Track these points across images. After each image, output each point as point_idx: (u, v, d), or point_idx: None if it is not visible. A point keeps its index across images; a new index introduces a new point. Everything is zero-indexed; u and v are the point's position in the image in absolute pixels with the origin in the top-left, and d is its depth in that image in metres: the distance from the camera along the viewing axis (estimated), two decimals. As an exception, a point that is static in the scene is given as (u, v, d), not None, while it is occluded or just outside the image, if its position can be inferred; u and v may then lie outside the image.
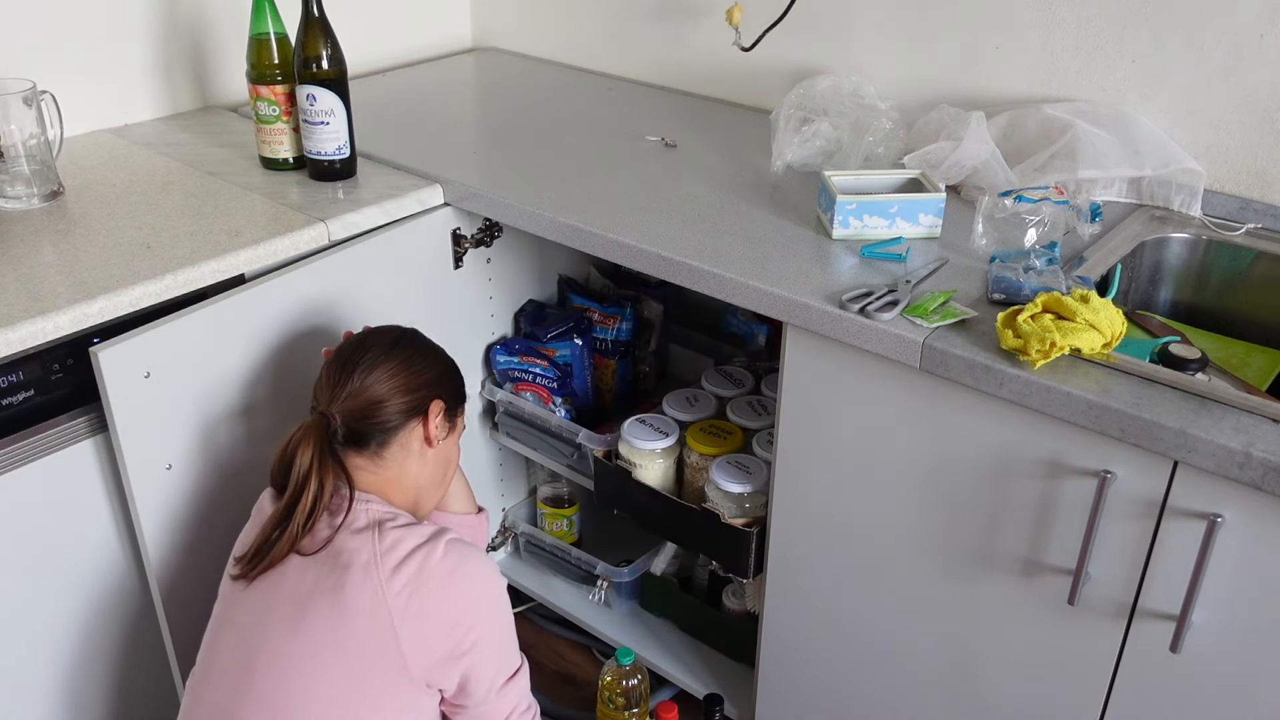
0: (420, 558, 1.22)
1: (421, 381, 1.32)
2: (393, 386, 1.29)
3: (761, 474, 1.58)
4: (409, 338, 1.35)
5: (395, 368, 1.30)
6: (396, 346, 1.32)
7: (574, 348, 1.86)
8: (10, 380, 1.31)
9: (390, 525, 1.25)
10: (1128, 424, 1.10)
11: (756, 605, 1.70)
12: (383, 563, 1.21)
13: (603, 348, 1.92)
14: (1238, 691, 1.16)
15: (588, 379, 1.91)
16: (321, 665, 1.20)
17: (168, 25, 1.90)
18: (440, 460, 1.37)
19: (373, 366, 1.29)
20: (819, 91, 1.71)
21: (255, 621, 1.24)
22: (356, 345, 1.32)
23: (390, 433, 1.30)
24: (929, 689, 1.44)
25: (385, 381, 1.29)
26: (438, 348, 1.38)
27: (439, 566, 1.22)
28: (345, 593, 1.20)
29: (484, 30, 2.43)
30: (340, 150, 1.65)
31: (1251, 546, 1.09)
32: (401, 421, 1.31)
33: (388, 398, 1.29)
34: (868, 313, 1.26)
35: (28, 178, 1.56)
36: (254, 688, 1.22)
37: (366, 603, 1.20)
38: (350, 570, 1.21)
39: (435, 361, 1.36)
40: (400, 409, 1.30)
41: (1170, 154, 1.54)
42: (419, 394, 1.31)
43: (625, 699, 1.74)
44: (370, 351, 1.30)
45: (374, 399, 1.28)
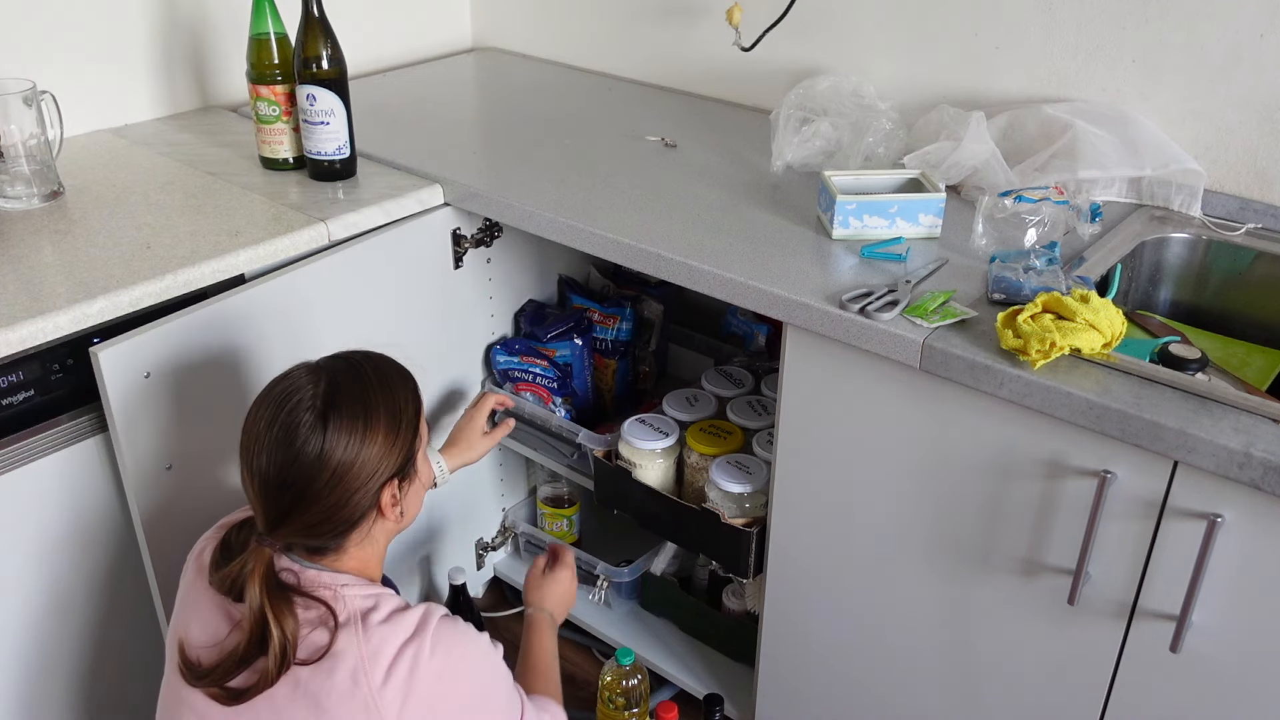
0: (410, 657, 1.10)
1: (366, 473, 1.12)
2: (335, 500, 1.11)
3: (761, 474, 1.58)
4: (336, 406, 1.11)
5: (334, 473, 1.10)
6: (328, 431, 1.10)
7: (574, 348, 1.86)
8: (10, 380, 1.31)
9: (374, 619, 1.11)
10: (1128, 424, 1.10)
11: (756, 605, 1.71)
12: (371, 669, 1.09)
13: (603, 348, 1.92)
14: (1238, 691, 1.16)
15: (588, 379, 1.91)
16: None
17: (168, 25, 1.90)
18: (408, 509, 1.23)
19: (308, 484, 1.10)
20: (819, 91, 1.71)
21: None
22: (280, 446, 1.10)
23: (343, 537, 1.15)
24: (929, 689, 1.44)
25: (326, 496, 1.10)
26: (372, 389, 1.15)
27: (429, 665, 1.11)
28: (331, 701, 1.08)
29: (484, 30, 2.43)
30: (340, 150, 1.66)
31: (1251, 546, 1.09)
32: (352, 526, 1.15)
33: (332, 513, 1.11)
34: (868, 313, 1.26)
35: (28, 178, 1.56)
36: None
37: (356, 715, 1.08)
38: (335, 677, 1.08)
39: (371, 428, 1.12)
40: (349, 519, 1.13)
41: (1170, 154, 1.54)
42: (367, 489, 1.13)
43: (625, 699, 1.74)
44: (299, 459, 1.10)
45: (316, 522, 1.12)
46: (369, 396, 1.13)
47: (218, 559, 1.18)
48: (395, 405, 1.15)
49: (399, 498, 1.17)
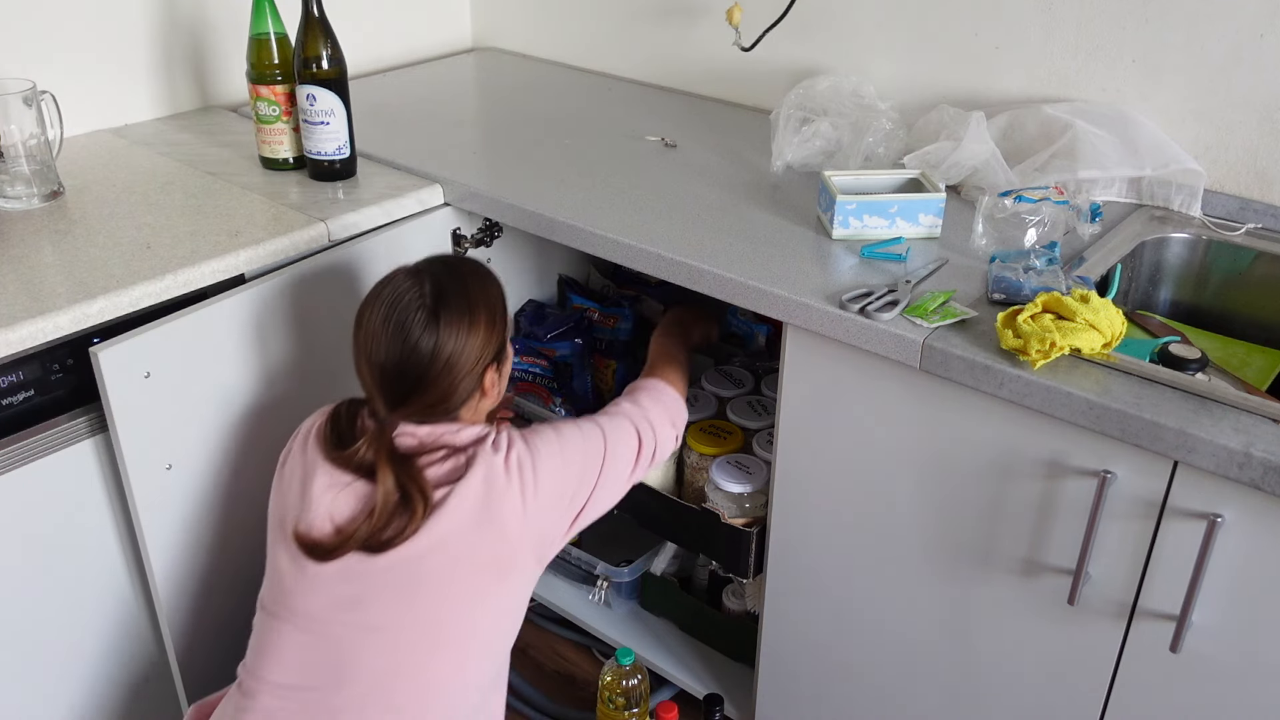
0: (515, 460, 1.27)
1: (471, 360, 1.26)
2: (447, 385, 1.25)
3: (761, 474, 1.58)
4: (444, 303, 1.25)
5: (445, 363, 1.24)
6: (440, 326, 1.24)
7: (574, 348, 1.86)
8: (10, 380, 1.31)
9: (488, 442, 1.27)
10: (1128, 424, 1.10)
11: (756, 605, 1.71)
12: (493, 476, 1.25)
13: (602, 348, 1.92)
14: (1238, 691, 1.16)
15: (588, 379, 1.91)
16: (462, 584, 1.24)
17: (168, 25, 1.90)
18: (506, 372, 1.38)
19: (424, 373, 1.24)
20: (819, 91, 1.71)
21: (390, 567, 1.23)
22: (397, 341, 1.24)
23: (453, 414, 1.29)
24: (929, 689, 1.44)
25: (439, 383, 1.25)
26: (472, 288, 1.29)
27: (532, 458, 1.28)
28: (490, 497, 1.24)
29: (484, 30, 2.43)
30: (340, 150, 1.66)
31: (1251, 546, 1.09)
32: (460, 405, 1.29)
33: (444, 396, 1.26)
34: (868, 313, 1.26)
35: (28, 178, 1.56)
36: (416, 613, 1.23)
37: (507, 508, 1.24)
38: (470, 485, 1.24)
39: (474, 321, 1.27)
40: (458, 400, 1.28)
41: (1170, 154, 1.54)
42: (473, 374, 1.27)
43: (625, 699, 1.74)
44: (415, 352, 1.23)
45: (431, 404, 1.26)
46: (470, 293, 1.27)
47: (329, 436, 1.28)
48: (490, 299, 1.30)
49: (498, 378, 1.33)
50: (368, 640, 1.23)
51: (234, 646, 1.58)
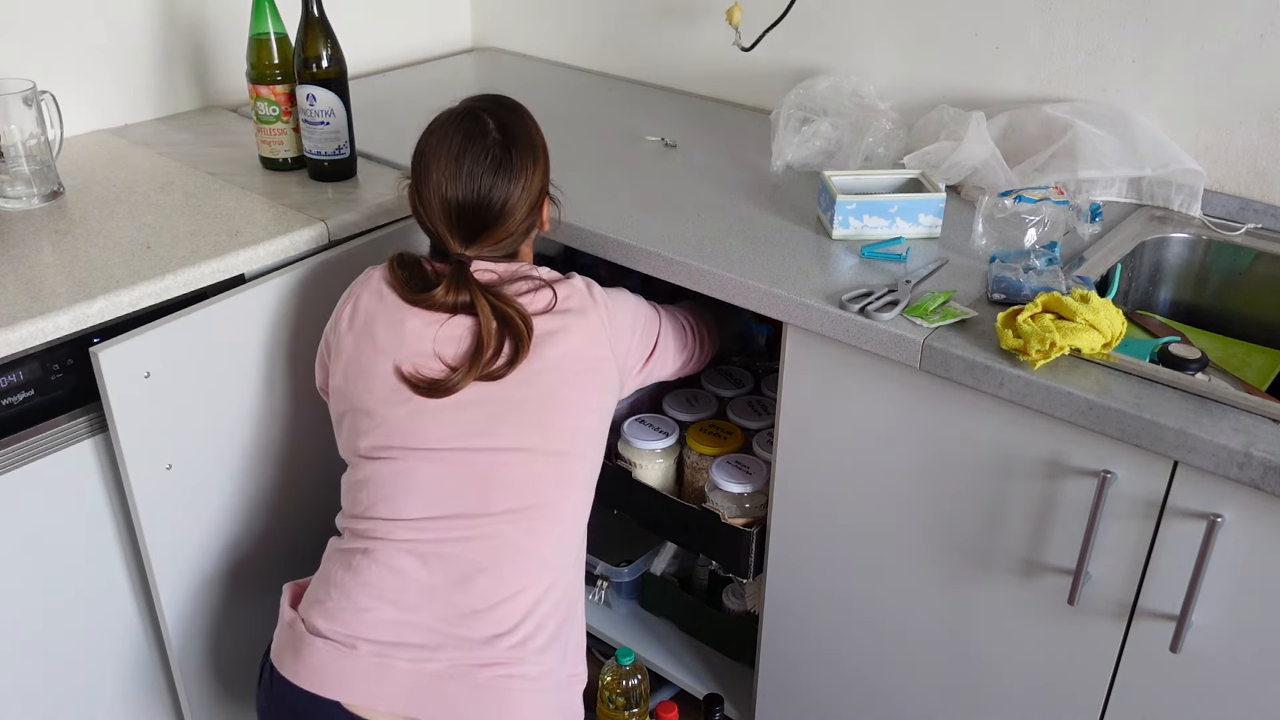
0: (596, 287, 1.37)
1: (535, 194, 1.33)
2: (517, 218, 1.31)
3: (761, 474, 1.58)
4: (515, 141, 1.31)
5: (518, 198, 1.30)
6: (514, 163, 1.30)
7: None
8: (10, 380, 1.31)
9: (564, 277, 1.36)
10: (1128, 424, 1.10)
11: (756, 605, 1.71)
12: (584, 296, 1.34)
13: None
14: (1238, 691, 1.16)
15: None
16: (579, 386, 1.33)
17: (168, 25, 1.90)
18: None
19: (500, 207, 1.29)
20: (819, 91, 1.71)
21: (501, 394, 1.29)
22: (473, 177, 1.29)
23: (518, 244, 1.36)
24: (929, 689, 1.44)
25: (511, 216, 1.30)
26: (531, 126, 1.36)
27: (609, 294, 1.39)
28: (588, 322, 1.33)
29: (484, 30, 2.43)
30: (340, 150, 1.65)
31: (1251, 546, 1.09)
32: (524, 236, 1.35)
33: (514, 229, 1.32)
34: (868, 313, 1.26)
35: (28, 178, 1.56)
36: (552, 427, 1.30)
37: (600, 330, 1.34)
38: (570, 306, 1.32)
39: (539, 146, 1.35)
40: (523, 231, 1.34)
41: (1170, 154, 1.54)
42: (535, 206, 1.34)
43: (625, 699, 1.74)
44: (494, 188, 1.29)
45: (503, 237, 1.31)
46: (531, 131, 1.34)
47: (405, 282, 1.31)
48: (541, 141, 1.36)
49: (547, 211, 1.39)
50: (505, 459, 1.28)
51: (234, 646, 1.58)
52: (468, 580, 1.24)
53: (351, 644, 1.22)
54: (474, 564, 1.25)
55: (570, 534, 1.33)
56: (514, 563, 1.26)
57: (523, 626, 1.25)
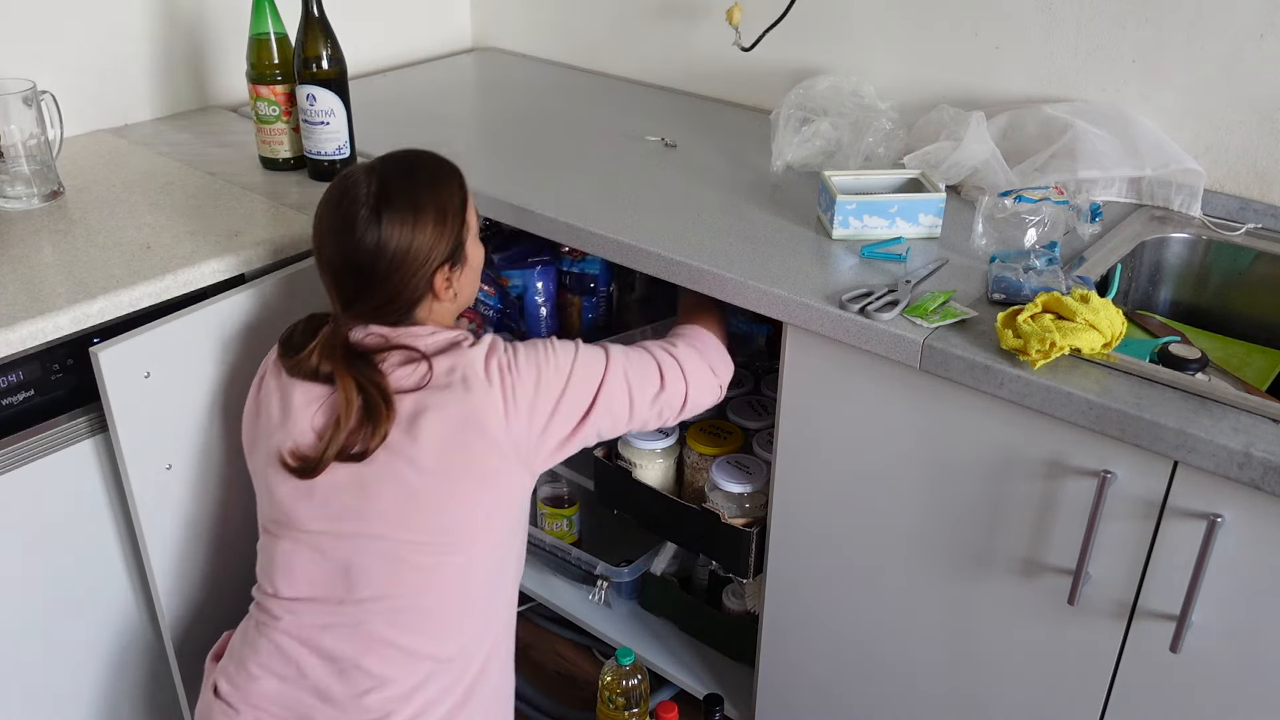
0: (496, 362, 1.26)
1: (419, 260, 1.24)
2: (396, 284, 1.24)
3: (761, 474, 1.58)
4: (388, 201, 1.23)
5: (390, 260, 1.23)
6: (382, 223, 1.22)
7: (533, 278, 1.72)
8: (10, 380, 1.31)
9: (465, 344, 1.27)
10: (1128, 424, 1.10)
11: (756, 605, 1.71)
12: (471, 374, 1.24)
13: (569, 283, 1.77)
14: (1238, 691, 1.16)
15: (543, 314, 1.77)
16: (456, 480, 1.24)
17: (168, 25, 1.90)
18: (462, 291, 1.33)
19: (370, 269, 1.23)
20: (819, 91, 1.71)
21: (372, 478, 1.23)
22: (343, 237, 1.24)
23: (409, 314, 1.28)
24: (929, 689, 1.44)
25: (387, 280, 1.24)
26: (420, 184, 1.27)
27: (516, 360, 1.27)
28: (455, 403, 1.23)
29: (484, 30, 2.43)
30: (340, 150, 1.66)
31: (1251, 546, 1.09)
32: (414, 305, 1.28)
33: (395, 295, 1.25)
34: (868, 313, 1.26)
35: (28, 178, 1.56)
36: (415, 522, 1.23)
37: (488, 413, 1.23)
38: (452, 388, 1.23)
39: (420, 220, 1.24)
40: (410, 299, 1.27)
41: (1170, 154, 1.54)
42: (422, 273, 1.25)
43: (625, 699, 1.74)
44: (359, 248, 1.23)
45: (382, 303, 1.26)
46: (417, 190, 1.26)
47: (282, 344, 1.30)
48: (441, 197, 1.27)
49: (452, 281, 1.29)
50: (371, 548, 1.24)
51: (234, 646, 1.58)
52: (339, 667, 1.25)
53: (237, 709, 1.26)
54: (343, 652, 1.25)
55: (448, 626, 1.28)
56: (379, 654, 1.25)
57: (397, 715, 1.25)
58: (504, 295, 1.74)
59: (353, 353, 1.25)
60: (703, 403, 1.43)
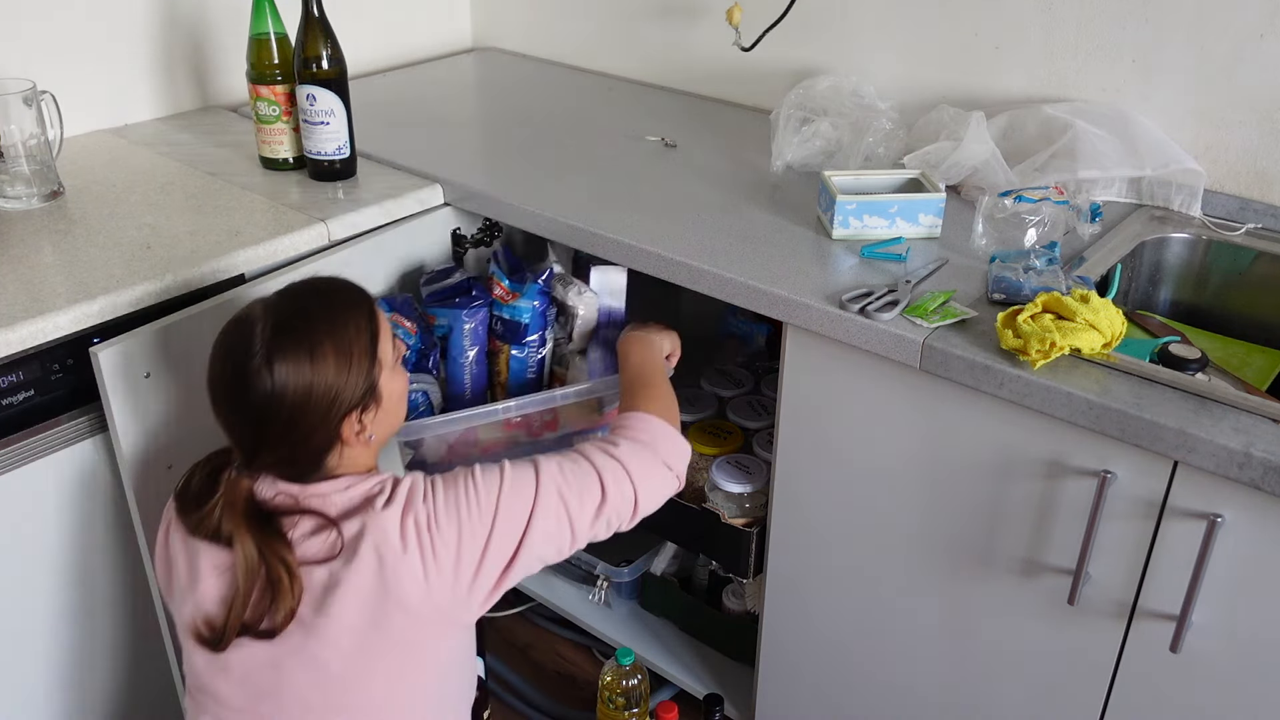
0: (412, 525, 1.13)
1: (322, 407, 1.11)
2: (298, 434, 1.12)
3: (761, 474, 1.58)
4: (280, 347, 1.10)
5: (289, 410, 1.10)
6: (274, 372, 1.09)
7: (456, 318, 1.58)
8: (10, 380, 1.31)
9: (379, 503, 1.13)
10: (1128, 424, 1.10)
11: (756, 605, 1.71)
12: (385, 546, 1.12)
13: (499, 328, 1.61)
14: (1238, 691, 1.16)
15: (467, 358, 1.60)
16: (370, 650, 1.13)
17: (168, 25, 1.90)
18: (379, 432, 1.20)
19: (269, 421, 1.11)
20: (819, 91, 1.71)
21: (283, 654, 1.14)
22: (236, 388, 1.11)
23: (319, 463, 1.15)
24: (929, 689, 1.44)
25: (289, 431, 1.11)
26: (316, 322, 1.13)
27: (434, 518, 1.14)
28: (369, 582, 1.12)
29: (484, 30, 2.43)
30: (340, 150, 1.66)
31: (1251, 546, 1.09)
32: (323, 454, 1.15)
33: (299, 446, 1.13)
34: (868, 313, 1.26)
35: (28, 178, 1.56)
36: None
37: (405, 580, 1.12)
38: (360, 560, 1.11)
39: (317, 364, 1.11)
40: (317, 448, 1.14)
41: (1170, 154, 1.54)
42: (327, 422, 1.13)
43: (625, 699, 1.74)
44: (253, 399, 1.10)
45: (286, 455, 1.14)
46: (313, 329, 1.12)
47: (180, 496, 1.20)
48: (344, 336, 1.14)
49: (364, 425, 1.16)
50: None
51: (234, 646, 1.57)
52: None
53: None
54: None
55: None
56: None
57: None
58: (426, 334, 1.58)
59: (258, 514, 1.14)
60: (658, 501, 1.29)
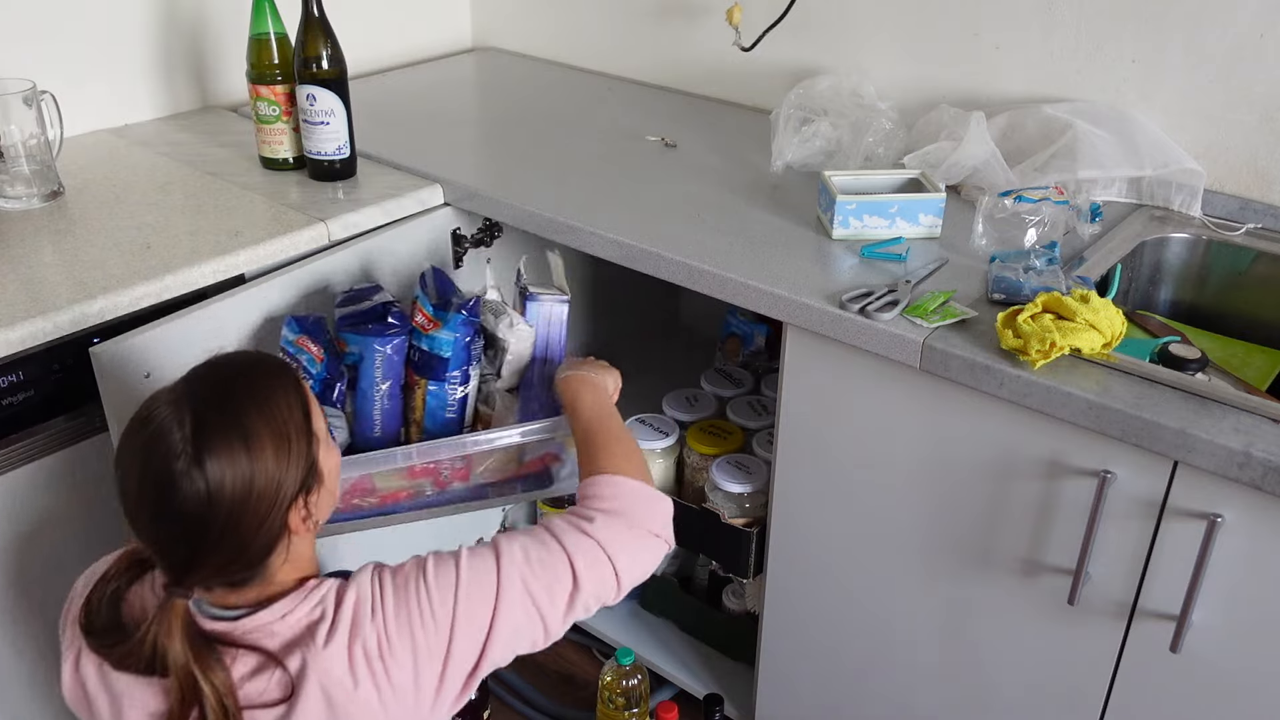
0: (361, 656, 1.00)
1: (266, 502, 0.97)
2: (240, 539, 0.97)
3: (761, 474, 1.58)
4: (208, 444, 0.95)
5: (229, 514, 0.95)
6: (207, 475, 0.94)
7: (368, 346, 1.37)
8: (10, 380, 1.31)
9: (320, 634, 1.00)
10: (1128, 424, 1.10)
11: (756, 605, 1.71)
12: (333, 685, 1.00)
13: (417, 359, 1.39)
14: (1238, 691, 1.16)
15: (378, 391, 1.39)
16: None
17: (168, 25, 1.90)
18: (321, 515, 1.06)
19: (204, 533, 0.95)
20: (819, 91, 1.71)
21: None
22: (162, 502, 0.95)
23: (261, 566, 1.01)
24: (929, 689, 1.44)
25: (229, 538, 0.96)
26: (245, 408, 0.98)
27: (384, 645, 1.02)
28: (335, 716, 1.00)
29: (484, 30, 2.43)
30: (340, 150, 1.65)
31: (1251, 546, 1.09)
32: (266, 554, 1.00)
33: (240, 552, 0.98)
34: (868, 313, 1.26)
35: (28, 178, 1.56)
36: None
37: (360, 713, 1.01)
38: (308, 703, 0.99)
39: (256, 455, 0.96)
40: (261, 549, 0.99)
41: (1170, 154, 1.54)
42: (271, 517, 0.98)
43: (625, 699, 1.74)
44: (184, 511, 0.95)
45: (224, 564, 0.98)
46: (244, 416, 0.97)
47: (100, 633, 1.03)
48: (278, 418, 0.99)
49: (310, 509, 1.02)
50: None
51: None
52: None
53: None
54: None
55: None
56: None
57: None
58: (334, 360, 1.38)
59: (197, 638, 0.99)
60: (646, 571, 1.13)
